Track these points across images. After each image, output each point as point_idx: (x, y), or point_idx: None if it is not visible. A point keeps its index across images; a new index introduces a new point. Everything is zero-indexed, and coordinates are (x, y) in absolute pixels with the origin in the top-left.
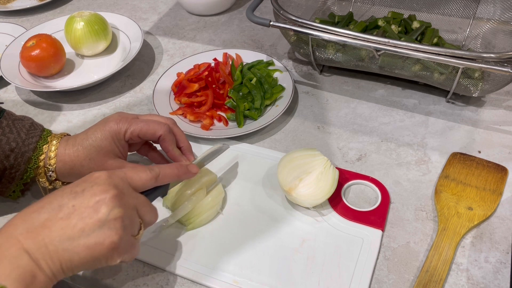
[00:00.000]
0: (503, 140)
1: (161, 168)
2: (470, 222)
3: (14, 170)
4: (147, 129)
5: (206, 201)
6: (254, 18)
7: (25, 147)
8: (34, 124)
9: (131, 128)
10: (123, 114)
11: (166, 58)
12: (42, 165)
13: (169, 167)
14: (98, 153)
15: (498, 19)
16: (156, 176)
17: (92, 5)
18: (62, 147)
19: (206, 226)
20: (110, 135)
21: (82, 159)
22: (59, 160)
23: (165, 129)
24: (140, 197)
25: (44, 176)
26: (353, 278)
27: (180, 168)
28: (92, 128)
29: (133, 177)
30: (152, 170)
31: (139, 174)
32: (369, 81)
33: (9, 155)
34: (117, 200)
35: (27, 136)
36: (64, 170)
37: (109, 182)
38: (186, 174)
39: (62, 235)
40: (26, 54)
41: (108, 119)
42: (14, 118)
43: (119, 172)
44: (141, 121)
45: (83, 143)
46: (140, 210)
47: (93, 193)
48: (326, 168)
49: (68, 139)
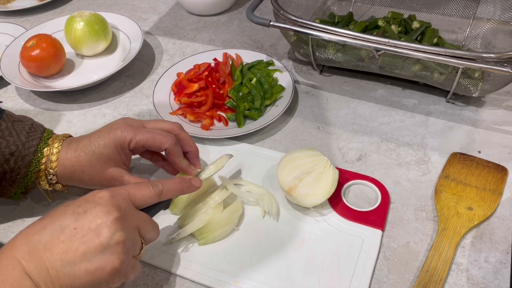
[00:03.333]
0: (503, 140)
1: (164, 183)
2: (470, 222)
3: (15, 173)
4: (153, 142)
5: (222, 216)
6: (254, 18)
7: (26, 151)
8: (35, 125)
9: (137, 138)
10: (128, 121)
11: (166, 58)
12: (44, 168)
13: (173, 182)
14: (99, 160)
15: (498, 19)
16: (159, 193)
17: (92, 5)
18: (64, 150)
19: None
20: (113, 143)
21: (83, 165)
22: (60, 164)
23: (171, 142)
24: (142, 215)
25: (45, 179)
26: (353, 278)
27: (184, 182)
28: (96, 134)
29: (136, 195)
30: (155, 187)
31: (142, 192)
32: (369, 81)
33: (9, 159)
34: (120, 223)
35: (27, 139)
36: (64, 174)
37: (111, 203)
38: (189, 188)
39: (63, 259)
40: (26, 54)
41: (113, 126)
42: (13, 120)
43: (121, 191)
44: (147, 132)
45: (85, 149)
46: (142, 229)
47: (95, 215)
48: (326, 168)
49: (70, 142)
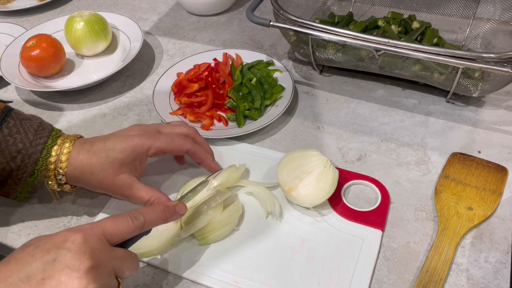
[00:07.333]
0: (503, 140)
1: (146, 214)
2: (470, 222)
3: (21, 171)
4: (173, 146)
5: (222, 217)
6: (254, 18)
7: (33, 148)
8: (43, 124)
9: (156, 145)
10: (143, 127)
11: (166, 58)
12: (53, 168)
13: (156, 212)
14: (112, 164)
15: (498, 19)
16: (140, 226)
17: (92, 5)
18: (75, 151)
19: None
20: (131, 149)
21: (94, 167)
22: (70, 163)
23: (191, 143)
24: (119, 254)
25: (53, 179)
26: (353, 278)
27: (168, 211)
28: (112, 139)
29: (113, 232)
30: (136, 219)
31: (120, 228)
32: (369, 81)
33: (15, 156)
34: (92, 273)
35: (34, 137)
36: (74, 174)
37: (84, 249)
38: (173, 216)
39: None
40: (26, 54)
41: (129, 132)
42: (22, 118)
43: (96, 230)
44: (166, 136)
45: (99, 152)
46: (118, 270)
47: (65, 264)
48: (326, 168)
49: (83, 142)
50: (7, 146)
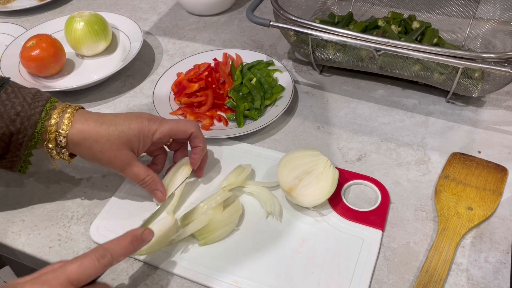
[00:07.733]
0: (503, 140)
1: (113, 250)
2: (470, 222)
3: (22, 135)
4: (178, 128)
5: (222, 217)
6: (254, 18)
7: (31, 111)
8: (40, 91)
9: (161, 128)
10: (152, 115)
11: (166, 58)
12: (54, 129)
13: (122, 246)
14: (119, 137)
15: (498, 19)
16: (107, 264)
17: (92, 5)
18: (81, 116)
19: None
20: (139, 128)
21: (101, 136)
22: (74, 126)
23: (196, 126)
24: None
25: (53, 141)
26: (353, 278)
27: (136, 242)
28: (123, 115)
29: (79, 278)
30: (102, 258)
31: (86, 272)
32: (369, 81)
33: (15, 119)
34: None
35: (32, 100)
36: (76, 139)
37: None
38: (141, 245)
39: None
40: (26, 54)
41: (142, 115)
42: (19, 86)
43: (61, 279)
44: (171, 121)
45: (109, 123)
46: None
47: None
48: (326, 168)
49: (89, 112)
50: (6, 110)
